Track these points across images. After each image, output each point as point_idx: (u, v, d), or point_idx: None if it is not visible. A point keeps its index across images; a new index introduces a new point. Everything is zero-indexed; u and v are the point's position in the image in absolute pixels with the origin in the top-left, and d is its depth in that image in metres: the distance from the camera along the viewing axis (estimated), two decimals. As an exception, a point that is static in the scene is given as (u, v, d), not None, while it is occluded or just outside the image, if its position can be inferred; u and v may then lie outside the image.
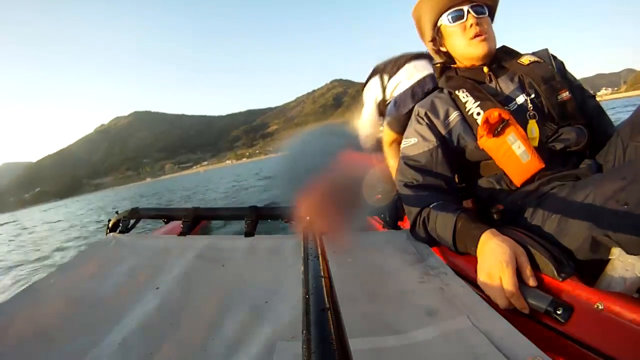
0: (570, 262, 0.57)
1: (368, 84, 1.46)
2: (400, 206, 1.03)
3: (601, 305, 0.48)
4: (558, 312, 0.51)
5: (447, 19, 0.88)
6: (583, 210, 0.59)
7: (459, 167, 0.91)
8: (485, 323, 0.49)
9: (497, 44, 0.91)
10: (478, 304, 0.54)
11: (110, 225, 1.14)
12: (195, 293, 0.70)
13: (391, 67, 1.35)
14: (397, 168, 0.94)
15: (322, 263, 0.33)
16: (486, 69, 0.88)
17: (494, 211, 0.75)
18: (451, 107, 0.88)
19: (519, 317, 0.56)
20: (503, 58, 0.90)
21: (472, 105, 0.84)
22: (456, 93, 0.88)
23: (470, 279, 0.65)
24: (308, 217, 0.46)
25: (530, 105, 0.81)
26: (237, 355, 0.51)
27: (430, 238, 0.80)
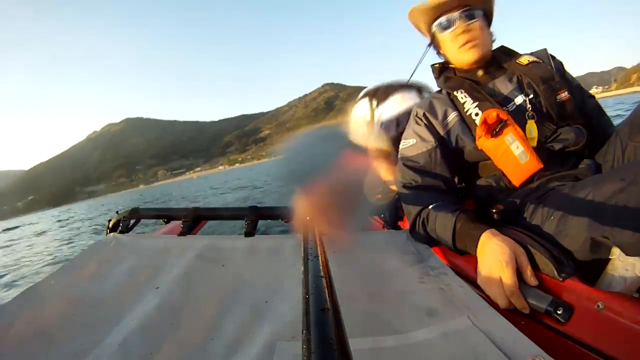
0: (570, 262, 0.57)
1: (358, 104, 1.53)
2: (400, 206, 1.04)
3: (601, 305, 0.48)
4: (558, 312, 0.51)
5: (438, 27, 0.89)
6: (582, 210, 0.59)
7: (458, 168, 0.91)
8: (485, 323, 0.49)
9: (497, 44, 0.91)
10: (478, 304, 0.54)
11: (110, 225, 1.14)
12: (195, 293, 0.70)
13: (381, 93, 1.41)
14: (396, 169, 0.94)
15: (322, 263, 0.33)
16: (480, 72, 0.88)
17: (494, 211, 0.75)
18: (449, 108, 0.88)
19: (519, 317, 0.56)
20: (501, 58, 0.89)
21: (471, 105, 0.84)
22: (454, 93, 0.88)
23: (470, 279, 0.65)
24: (308, 217, 0.46)
25: (529, 105, 0.81)
26: (237, 355, 0.51)
27: (430, 239, 0.80)
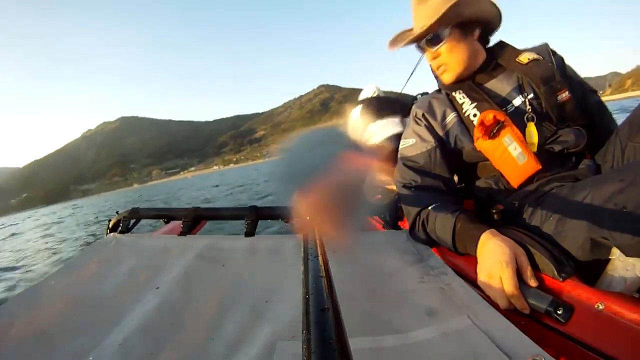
0: (570, 262, 0.57)
1: (354, 114, 1.62)
2: (400, 206, 1.04)
3: (601, 305, 0.48)
4: (558, 312, 0.51)
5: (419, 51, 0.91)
6: (581, 211, 0.59)
7: (458, 168, 0.91)
8: (485, 322, 0.49)
9: (493, 42, 0.91)
10: (478, 304, 0.54)
11: (110, 225, 1.14)
12: (195, 293, 0.70)
13: (373, 113, 1.50)
14: (396, 169, 0.94)
15: (322, 263, 0.33)
16: (469, 83, 0.87)
17: (495, 211, 0.75)
18: (448, 109, 0.88)
19: (519, 317, 0.56)
20: (500, 55, 0.88)
21: (469, 106, 0.83)
22: (453, 94, 0.88)
23: (470, 279, 0.65)
24: (308, 217, 0.46)
25: (528, 106, 0.80)
26: (237, 355, 0.51)
27: (429, 239, 0.80)
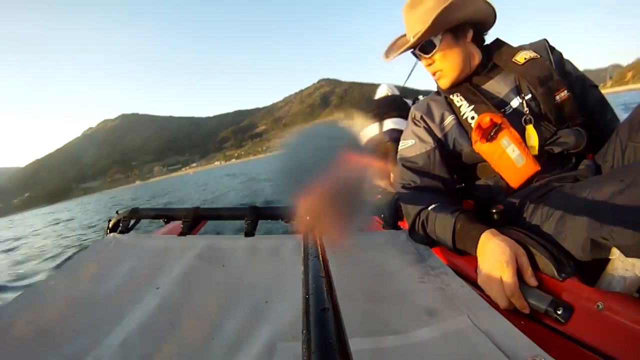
0: (570, 262, 0.57)
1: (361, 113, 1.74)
2: (400, 206, 1.04)
3: (601, 305, 0.48)
4: (558, 312, 0.51)
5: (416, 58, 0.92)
6: (581, 211, 0.59)
7: (457, 169, 0.91)
8: (485, 323, 0.49)
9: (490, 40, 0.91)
10: (478, 304, 0.54)
11: (110, 225, 1.14)
12: (195, 293, 0.70)
13: (375, 114, 1.59)
14: (395, 169, 0.94)
15: (322, 263, 0.33)
16: (466, 86, 0.87)
17: (494, 211, 0.75)
18: (447, 111, 0.88)
19: (519, 317, 0.56)
20: (497, 55, 0.86)
21: (467, 109, 0.83)
22: (451, 97, 0.88)
23: (470, 279, 0.65)
24: (308, 217, 0.46)
25: (526, 108, 0.79)
26: (238, 355, 0.51)
27: (429, 239, 0.80)
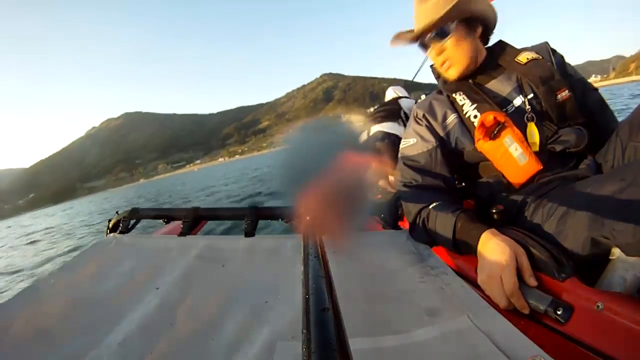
0: (570, 262, 0.57)
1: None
2: (400, 205, 1.04)
3: (601, 305, 0.48)
4: (558, 312, 0.51)
5: (420, 49, 0.90)
6: (582, 210, 0.59)
7: (458, 168, 0.91)
8: (485, 323, 0.49)
9: (496, 38, 0.91)
10: (478, 304, 0.54)
11: (110, 225, 1.14)
12: (195, 293, 0.69)
13: (372, 118, 1.74)
14: (397, 168, 0.94)
15: (322, 263, 0.33)
16: (471, 81, 0.88)
17: (495, 211, 0.75)
18: (449, 110, 0.88)
19: (519, 317, 0.56)
20: (500, 56, 0.88)
21: (469, 107, 0.84)
22: (454, 95, 0.88)
23: (470, 279, 0.65)
24: (308, 217, 0.46)
25: (528, 107, 0.80)
26: (237, 355, 0.51)
27: (429, 238, 0.80)
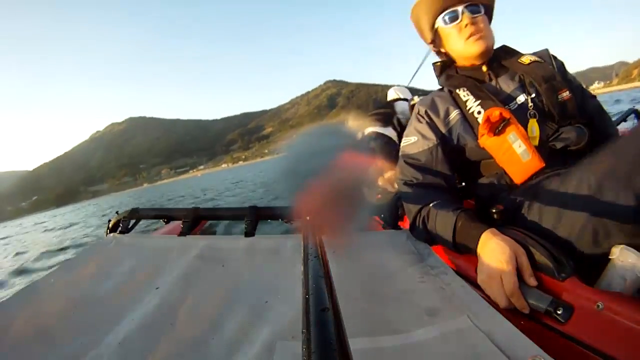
0: (570, 262, 0.57)
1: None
2: (400, 206, 1.04)
3: (601, 305, 0.48)
4: (558, 312, 0.51)
5: (443, 21, 0.88)
6: (579, 201, 0.60)
7: (459, 166, 0.91)
8: (485, 323, 0.49)
9: (495, 45, 0.92)
10: (478, 304, 0.54)
11: (110, 225, 1.14)
12: (195, 293, 0.70)
13: (367, 120, 1.89)
14: (397, 166, 0.94)
15: (322, 263, 0.33)
16: (485, 68, 0.88)
17: (495, 211, 0.75)
18: (451, 106, 0.88)
19: (519, 317, 0.56)
20: (503, 57, 0.90)
21: (473, 103, 0.84)
22: (456, 91, 0.88)
23: (470, 279, 0.65)
24: (308, 217, 0.46)
25: (530, 104, 0.81)
26: (237, 355, 0.51)
27: (429, 237, 0.80)
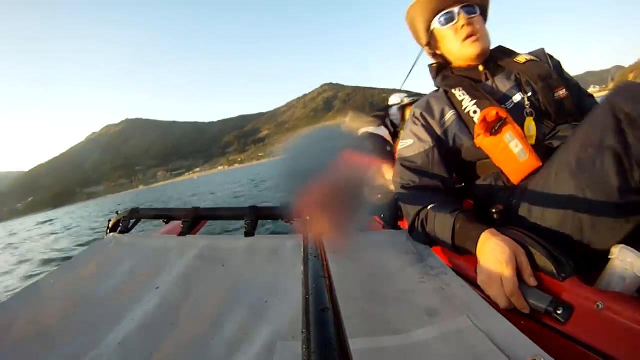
0: (570, 262, 0.57)
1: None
2: (400, 206, 1.04)
3: (601, 305, 0.48)
4: (558, 312, 0.51)
5: (439, 22, 0.88)
6: (579, 199, 0.60)
7: (457, 167, 0.91)
8: (485, 323, 0.49)
9: (492, 45, 0.92)
10: (478, 304, 0.54)
11: (110, 225, 1.14)
12: (195, 293, 0.70)
13: (365, 122, 1.94)
14: (394, 170, 0.94)
15: (322, 263, 0.33)
16: (482, 68, 0.88)
17: (494, 211, 0.75)
18: (447, 106, 0.88)
19: (519, 317, 0.56)
20: (499, 57, 0.90)
21: (469, 103, 0.84)
22: (452, 92, 0.88)
23: (470, 279, 0.65)
24: (308, 217, 0.46)
25: (527, 103, 0.81)
26: (238, 355, 0.51)
27: (429, 239, 0.80)
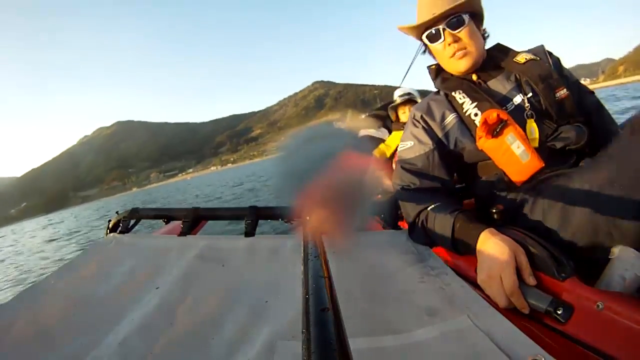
0: (570, 262, 0.57)
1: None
2: (400, 206, 1.04)
3: (601, 305, 0.48)
4: (558, 312, 0.51)
5: (427, 39, 0.88)
6: (583, 200, 0.60)
7: (458, 168, 0.91)
8: (485, 322, 0.49)
9: (491, 42, 0.91)
10: (478, 304, 0.54)
11: (110, 225, 1.14)
12: (195, 293, 0.70)
13: (364, 122, 2.02)
14: (394, 171, 0.94)
15: (322, 263, 0.33)
16: (475, 77, 0.88)
17: (495, 211, 0.75)
18: (447, 110, 0.88)
19: (519, 317, 0.56)
20: (498, 57, 0.89)
21: (470, 106, 0.84)
22: (452, 94, 0.88)
23: (470, 279, 0.65)
24: (308, 217, 0.46)
25: (527, 104, 0.81)
26: (238, 355, 0.51)
27: (429, 239, 0.80)
